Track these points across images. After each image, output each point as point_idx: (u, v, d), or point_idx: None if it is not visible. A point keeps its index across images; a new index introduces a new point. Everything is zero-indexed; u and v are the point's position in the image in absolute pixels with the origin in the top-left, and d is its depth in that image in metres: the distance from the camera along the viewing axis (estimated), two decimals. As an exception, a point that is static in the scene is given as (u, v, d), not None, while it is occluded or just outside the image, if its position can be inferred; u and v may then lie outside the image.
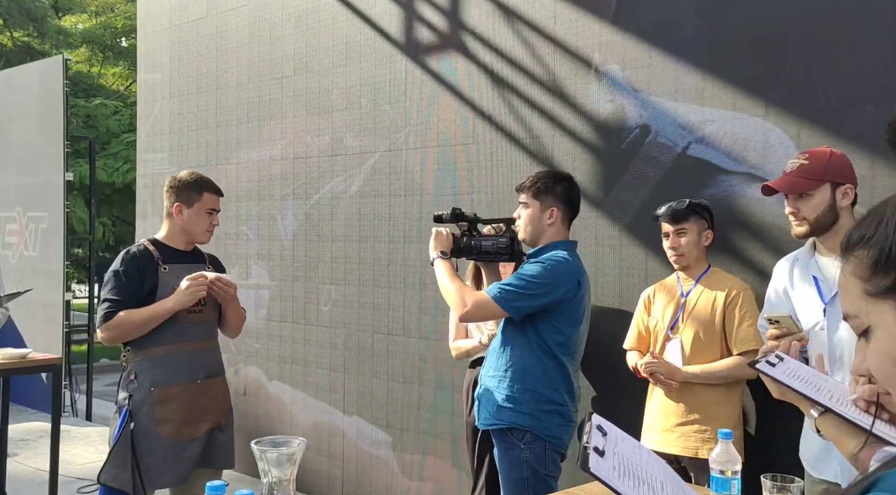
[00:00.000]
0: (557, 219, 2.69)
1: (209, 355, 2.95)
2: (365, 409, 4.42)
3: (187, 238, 2.98)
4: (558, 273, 2.57)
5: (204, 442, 2.86)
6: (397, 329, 4.27)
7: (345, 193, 4.54)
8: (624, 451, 0.91)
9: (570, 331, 2.62)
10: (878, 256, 0.77)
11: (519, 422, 2.58)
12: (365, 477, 4.39)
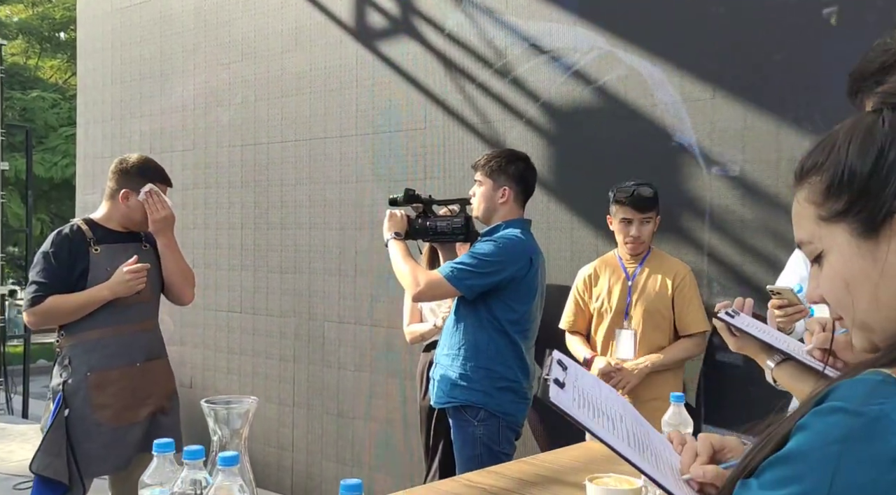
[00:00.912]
0: (510, 198, 2.70)
1: (149, 337, 2.85)
2: (315, 399, 4.36)
3: (128, 224, 2.87)
4: (510, 251, 2.59)
5: (146, 426, 2.76)
6: (349, 317, 4.23)
7: (295, 180, 4.48)
8: (583, 385, 0.91)
9: (523, 309, 2.64)
10: (831, 181, 0.79)
11: (472, 400, 2.58)
12: (315, 468, 4.33)
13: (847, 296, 0.80)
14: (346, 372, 4.24)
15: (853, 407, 0.68)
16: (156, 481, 1.30)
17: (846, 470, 0.66)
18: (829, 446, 0.67)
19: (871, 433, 0.66)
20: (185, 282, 2.97)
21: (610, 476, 1.77)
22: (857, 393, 0.69)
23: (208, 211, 4.93)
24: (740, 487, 0.74)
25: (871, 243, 0.77)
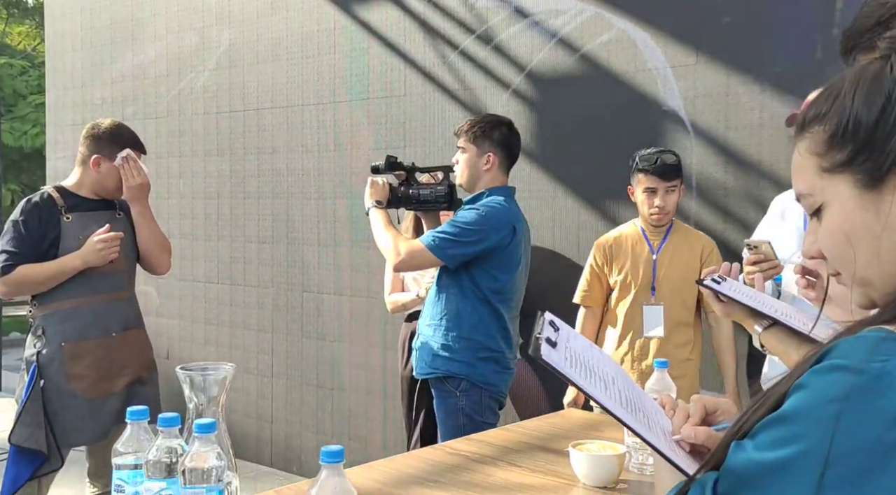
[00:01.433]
0: (494, 165, 2.65)
1: (125, 306, 2.79)
2: (294, 370, 4.33)
3: (100, 191, 2.79)
4: (493, 219, 2.55)
5: (124, 396, 2.71)
6: (328, 287, 4.18)
7: (271, 149, 4.39)
8: (575, 347, 0.88)
9: (506, 278, 2.60)
10: (835, 130, 0.76)
11: (454, 370, 2.56)
12: (295, 439, 4.31)
13: (847, 250, 0.77)
14: (325, 343, 4.20)
15: (854, 364, 0.66)
16: (130, 449, 1.27)
17: (847, 428, 0.64)
18: (829, 404, 0.65)
19: (872, 390, 0.64)
20: (160, 250, 2.92)
21: (593, 442, 1.76)
22: (859, 351, 0.67)
23: (183, 180, 4.84)
24: (735, 448, 0.72)
25: (874, 195, 0.75)
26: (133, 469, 1.25)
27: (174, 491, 1.21)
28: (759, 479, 0.67)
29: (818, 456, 0.64)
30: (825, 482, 0.63)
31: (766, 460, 0.67)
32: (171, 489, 1.21)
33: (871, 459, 0.62)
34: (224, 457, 1.20)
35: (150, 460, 1.21)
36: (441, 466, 1.77)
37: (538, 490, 1.63)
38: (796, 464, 0.65)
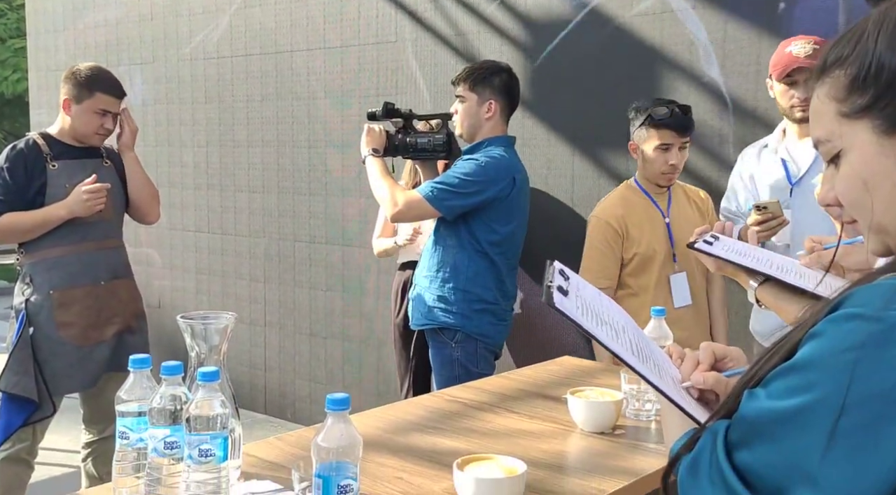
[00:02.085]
0: (496, 113, 2.60)
1: (113, 256, 2.78)
2: (287, 319, 4.34)
3: (75, 136, 2.75)
4: (493, 170, 2.51)
5: (113, 344, 2.73)
6: (320, 237, 4.16)
7: (261, 96, 4.32)
8: (585, 295, 0.88)
9: (505, 230, 2.58)
10: (857, 73, 0.74)
11: (450, 322, 2.57)
12: (289, 387, 4.35)
13: (865, 196, 0.76)
14: (317, 292, 4.21)
15: (872, 312, 0.65)
16: (133, 397, 1.27)
17: (863, 376, 0.63)
18: (845, 353, 0.65)
19: (889, 339, 0.63)
20: (151, 199, 2.90)
21: (591, 389, 1.78)
22: (876, 299, 0.66)
23: (171, 128, 4.76)
24: (748, 397, 0.71)
25: (894, 141, 0.73)
26: (137, 416, 1.25)
27: (179, 438, 1.21)
28: (773, 427, 0.67)
29: (833, 404, 0.64)
30: (839, 429, 0.63)
31: (780, 408, 0.67)
32: (176, 436, 1.22)
33: (886, 407, 0.62)
34: (228, 405, 1.21)
35: (153, 408, 1.22)
36: (440, 413, 1.79)
37: (537, 436, 1.65)
38: (811, 412, 0.65)
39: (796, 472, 0.65)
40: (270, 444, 1.58)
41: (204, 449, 1.17)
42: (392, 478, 1.41)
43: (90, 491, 1.31)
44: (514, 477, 1.26)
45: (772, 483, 0.67)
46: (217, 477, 1.19)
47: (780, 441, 0.66)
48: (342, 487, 1.08)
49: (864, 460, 0.62)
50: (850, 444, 0.63)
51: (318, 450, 1.08)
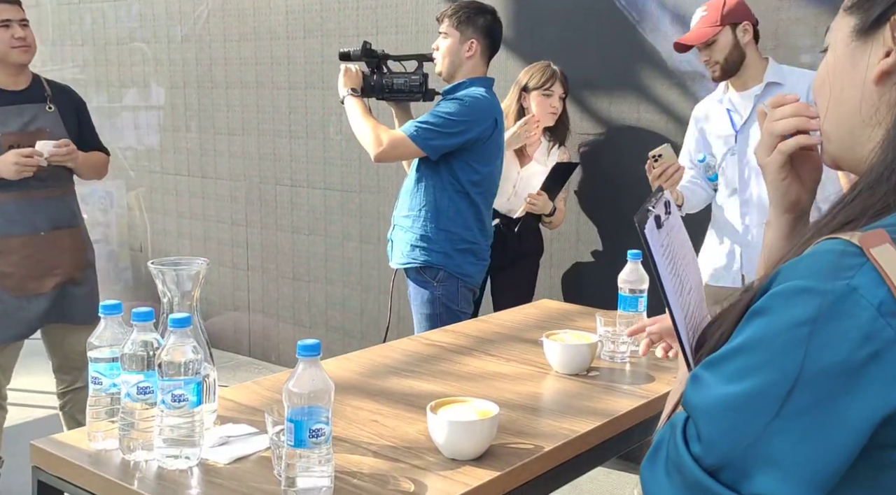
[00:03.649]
0: (477, 53, 2.59)
1: (55, 205, 2.62)
2: (270, 263, 4.33)
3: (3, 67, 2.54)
4: (476, 111, 2.51)
5: (53, 296, 2.61)
6: (301, 180, 4.13)
7: (238, 36, 4.21)
8: (675, 239, 0.85)
9: (486, 170, 2.60)
10: None
11: (432, 261, 2.58)
12: (272, 329, 4.37)
13: (822, 94, 0.77)
14: (300, 236, 4.19)
15: (819, 284, 0.62)
16: (104, 343, 1.27)
17: (816, 352, 0.61)
18: (797, 328, 0.62)
19: (840, 311, 0.61)
20: (93, 174, 2.76)
21: (566, 332, 1.79)
22: (822, 268, 0.63)
23: (147, 67, 4.65)
24: (692, 383, 0.67)
25: (860, 44, 0.73)
26: (109, 362, 1.26)
27: (152, 384, 1.22)
28: (728, 414, 0.64)
29: (787, 382, 0.61)
30: (795, 407, 0.61)
31: (733, 393, 0.64)
32: (149, 381, 1.22)
33: (841, 380, 0.60)
34: (200, 351, 1.21)
35: (125, 353, 1.22)
36: (417, 356, 1.81)
37: (512, 378, 1.67)
38: (765, 394, 0.62)
39: (756, 456, 0.62)
40: (247, 388, 1.59)
41: (177, 395, 1.18)
42: (367, 421, 1.42)
43: (65, 435, 1.31)
44: (486, 419, 1.27)
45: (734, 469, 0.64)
46: (191, 421, 1.20)
47: (737, 427, 0.63)
48: (314, 431, 1.09)
49: (823, 435, 0.61)
50: (807, 421, 0.61)
51: (289, 396, 1.09)
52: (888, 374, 0.60)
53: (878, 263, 0.62)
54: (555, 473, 1.33)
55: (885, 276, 0.61)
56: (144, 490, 1.16)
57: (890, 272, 0.61)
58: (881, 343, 0.60)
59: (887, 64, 0.70)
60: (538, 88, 2.94)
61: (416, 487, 1.18)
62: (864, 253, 0.62)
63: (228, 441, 1.30)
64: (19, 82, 2.59)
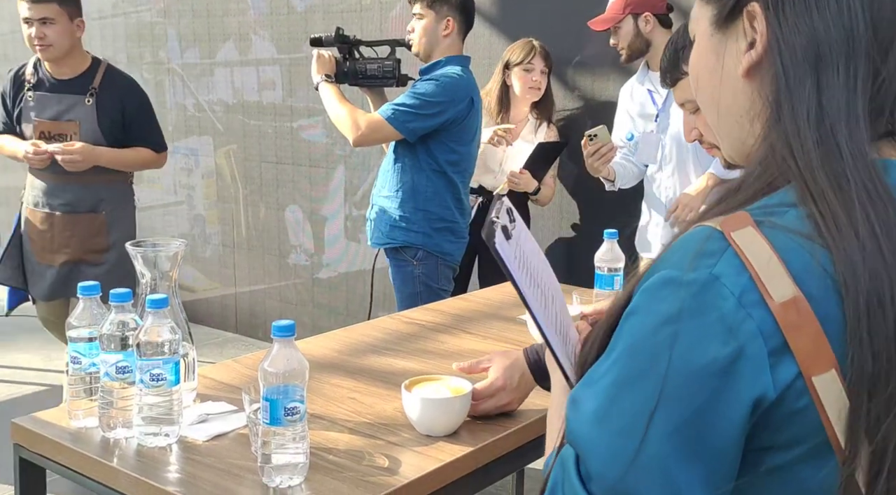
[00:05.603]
0: (453, 31, 2.59)
1: (76, 191, 2.73)
2: (255, 240, 4.34)
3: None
4: (453, 91, 2.52)
5: (64, 272, 2.77)
6: (286, 158, 4.12)
7: (222, 11, 4.18)
8: (526, 248, 0.82)
9: (463, 150, 2.61)
10: None
11: (411, 241, 2.60)
12: (259, 306, 4.39)
13: (702, 92, 0.71)
14: (285, 213, 4.20)
15: (682, 274, 0.58)
16: (83, 323, 1.28)
17: (681, 355, 0.56)
18: (663, 327, 0.57)
19: (703, 303, 0.56)
20: (142, 168, 3.01)
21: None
22: (685, 256, 0.59)
23: (129, 43, 4.62)
24: (570, 407, 0.62)
25: (721, 37, 0.68)
26: (87, 341, 1.27)
27: (130, 363, 1.24)
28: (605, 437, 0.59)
29: (654, 398, 0.57)
30: (663, 430, 0.56)
31: (608, 413, 0.59)
32: (128, 361, 1.24)
33: (712, 382, 0.56)
34: (178, 331, 1.23)
35: (104, 334, 1.23)
36: (397, 335, 1.83)
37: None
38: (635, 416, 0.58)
39: (642, 479, 0.57)
40: (227, 367, 1.62)
41: (155, 374, 1.20)
42: (345, 399, 1.45)
43: (46, 413, 1.34)
44: (459, 397, 1.30)
45: None
46: (169, 400, 1.22)
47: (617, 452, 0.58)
48: (289, 409, 1.11)
49: (704, 445, 0.56)
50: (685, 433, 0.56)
51: (265, 375, 1.11)
52: (753, 372, 0.56)
53: (738, 248, 0.57)
54: (526, 449, 1.36)
55: (745, 262, 0.56)
56: (124, 467, 1.19)
57: (751, 256, 0.57)
58: (744, 336, 0.56)
59: (751, 58, 0.65)
60: (519, 64, 2.94)
61: (391, 462, 1.21)
62: (726, 237, 0.58)
63: (207, 419, 1.33)
64: (63, 72, 2.71)
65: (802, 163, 0.59)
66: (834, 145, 0.59)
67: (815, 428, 0.57)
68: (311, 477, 1.15)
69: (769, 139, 0.63)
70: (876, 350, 0.55)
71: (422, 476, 1.18)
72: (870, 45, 0.60)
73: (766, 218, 0.59)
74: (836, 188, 0.58)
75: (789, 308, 0.56)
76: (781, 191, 0.61)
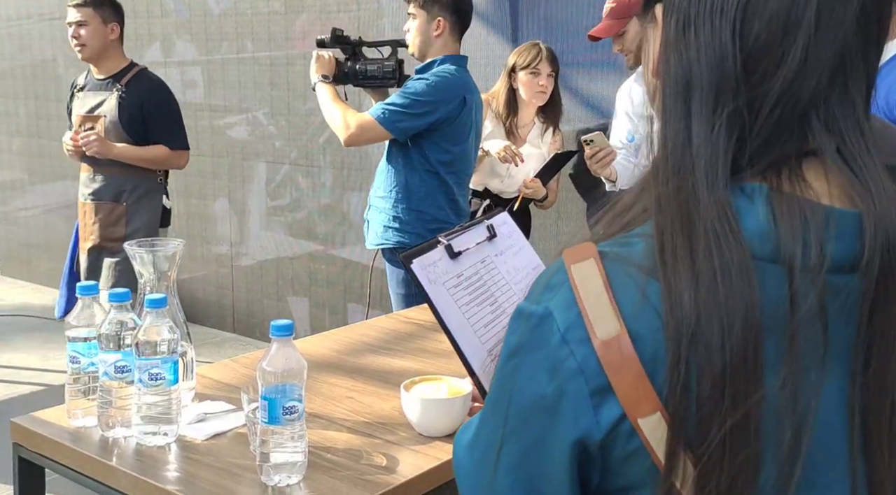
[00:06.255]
0: (445, 31, 2.56)
1: (102, 181, 2.98)
2: (252, 239, 4.35)
3: None
4: (443, 90, 2.49)
5: (92, 258, 3.00)
6: (283, 157, 4.13)
7: (219, 10, 4.18)
8: (498, 265, 0.81)
9: (456, 150, 2.58)
10: None
11: (405, 241, 2.58)
12: (256, 306, 4.39)
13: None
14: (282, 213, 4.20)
15: (528, 306, 0.57)
16: (82, 323, 1.29)
17: (518, 390, 0.56)
18: (506, 363, 0.57)
19: (538, 337, 0.55)
20: (159, 166, 3.06)
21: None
22: (536, 288, 0.58)
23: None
24: (459, 433, 0.65)
25: (645, 27, 0.66)
26: (85, 341, 1.28)
27: (129, 363, 1.24)
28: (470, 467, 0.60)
29: (499, 430, 0.57)
30: (506, 452, 0.56)
31: (468, 444, 0.61)
32: (127, 360, 1.24)
33: (543, 419, 0.55)
34: (177, 330, 1.23)
35: (102, 333, 1.24)
36: (395, 334, 1.84)
37: (487, 355, 1.70)
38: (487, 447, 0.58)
39: None
40: (226, 366, 1.62)
41: (154, 374, 1.20)
42: (343, 398, 1.46)
43: (45, 412, 1.34)
44: (458, 398, 1.31)
45: None
46: (168, 399, 1.23)
47: (477, 483, 0.59)
48: (287, 408, 1.12)
49: (540, 481, 0.56)
50: (524, 469, 0.56)
51: (263, 374, 1.12)
52: (575, 412, 0.54)
53: (573, 281, 0.54)
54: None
55: (577, 296, 0.54)
56: (123, 466, 1.19)
57: (583, 291, 0.54)
58: (565, 374, 0.54)
59: (654, 61, 0.62)
60: (525, 68, 2.90)
61: (389, 461, 1.22)
62: (567, 270, 0.55)
63: (206, 418, 1.33)
64: (101, 72, 3.01)
65: (659, 192, 0.56)
66: (690, 178, 0.54)
67: (653, 471, 0.53)
68: (310, 475, 1.15)
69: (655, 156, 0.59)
70: (700, 394, 0.51)
71: (419, 474, 1.18)
72: (738, 75, 0.55)
73: (616, 249, 0.56)
74: (684, 221, 0.54)
75: (612, 346, 0.52)
76: (650, 221, 0.57)
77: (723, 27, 0.54)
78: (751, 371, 0.50)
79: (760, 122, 0.54)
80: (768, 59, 0.54)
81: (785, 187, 0.54)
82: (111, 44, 2.99)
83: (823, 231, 0.52)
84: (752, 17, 0.54)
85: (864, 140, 0.55)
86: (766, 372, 0.51)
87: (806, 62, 0.53)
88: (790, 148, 0.55)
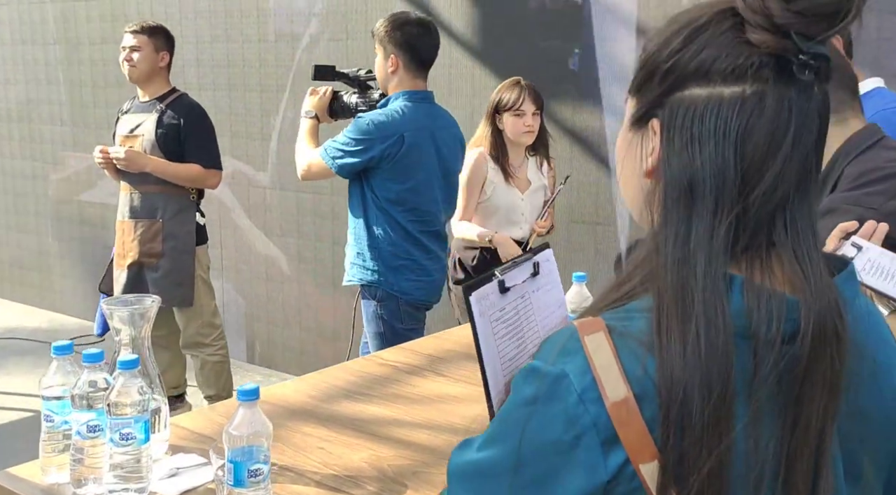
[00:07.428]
0: (399, 67, 2.54)
1: (139, 199, 3.19)
2: (243, 264, 4.38)
3: None
4: (380, 128, 2.47)
5: (131, 275, 3.18)
6: (277, 183, 4.17)
7: (210, 38, 4.23)
8: (535, 301, 0.90)
9: (399, 188, 2.54)
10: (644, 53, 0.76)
11: (368, 278, 2.60)
12: (248, 330, 4.42)
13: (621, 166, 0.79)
14: (275, 239, 4.24)
15: (542, 366, 0.68)
16: (56, 382, 1.32)
17: (532, 431, 0.67)
18: (521, 408, 0.69)
19: (554, 393, 0.66)
20: (191, 182, 3.22)
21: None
22: (549, 351, 0.69)
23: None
24: (457, 447, 0.75)
25: (635, 133, 0.76)
26: (58, 400, 1.31)
27: (102, 422, 1.27)
28: (471, 479, 0.71)
29: (511, 459, 0.67)
30: (517, 484, 0.67)
31: (476, 459, 0.70)
32: (100, 419, 1.27)
33: (556, 459, 0.66)
34: (147, 391, 1.26)
35: (76, 394, 1.27)
36: (370, 378, 1.86)
37: (460, 400, 1.73)
38: (495, 466, 0.69)
39: None
40: (201, 414, 1.65)
41: (125, 433, 1.24)
42: (314, 449, 1.48)
43: (18, 469, 1.37)
44: None
45: None
46: (138, 457, 1.26)
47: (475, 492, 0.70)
48: (252, 471, 1.15)
49: None
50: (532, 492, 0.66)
51: (229, 438, 1.15)
52: (588, 457, 0.65)
53: (587, 351, 0.66)
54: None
55: (591, 364, 0.66)
56: (94, 524, 1.22)
57: (596, 360, 0.66)
58: (581, 427, 0.65)
59: (650, 164, 0.73)
60: (509, 109, 2.86)
61: (354, 519, 1.24)
62: (580, 340, 0.67)
63: (177, 472, 1.36)
64: (146, 94, 3.25)
65: (661, 276, 0.68)
66: (691, 268, 0.67)
67: None
68: (275, 535, 1.18)
69: (651, 242, 0.71)
70: (684, 447, 0.64)
71: (383, 533, 1.21)
72: (737, 185, 0.68)
73: (619, 323, 0.68)
74: (680, 306, 0.66)
75: (621, 407, 0.65)
76: (647, 295, 0.69)
77: (726, 146, 0.68)
78: (723, 428, 0.64)
79: (746, 221, 0.68)
80: (758, 172, 0.68)
81: (756, 277, 0.68)
82: (159, 70, 3.22)
83: (780, 313, 0.66)
84: (748, 139, 0.68)
85: (812, 238, 0.70)
86: (735, 424, 0.65)
87: (781, 174, 0.68)
88: (761, 240, 0.69)
